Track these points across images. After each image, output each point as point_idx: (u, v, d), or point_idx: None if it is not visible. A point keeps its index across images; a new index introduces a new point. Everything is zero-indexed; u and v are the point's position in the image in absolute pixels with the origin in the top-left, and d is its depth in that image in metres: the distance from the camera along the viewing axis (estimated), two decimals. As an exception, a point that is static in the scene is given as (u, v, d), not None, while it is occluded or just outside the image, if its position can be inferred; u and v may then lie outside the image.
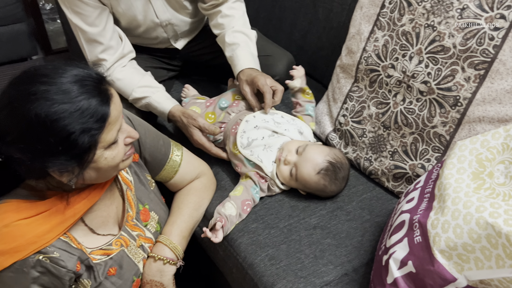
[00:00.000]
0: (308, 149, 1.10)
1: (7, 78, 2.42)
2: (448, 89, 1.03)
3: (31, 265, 0.79)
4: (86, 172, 0.82)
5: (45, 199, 0.85)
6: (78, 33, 1.27)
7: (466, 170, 0.81)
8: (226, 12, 1.35)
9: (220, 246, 1.10)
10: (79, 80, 0.77)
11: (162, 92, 1.31)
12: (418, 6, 1.08)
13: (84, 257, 0.87)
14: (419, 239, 0.78)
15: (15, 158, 0.78)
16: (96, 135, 0.78)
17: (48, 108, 0.73)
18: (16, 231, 0.79)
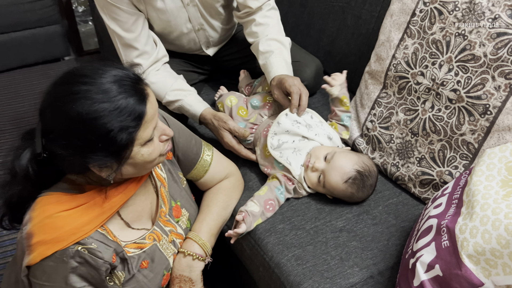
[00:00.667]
0: (336, 157, 1.12)
1: (41, 78, 2.52)
2: (477, 98, 1.04)
3: (70, 255, 0.83)
4: (124, 168, 0.86)
5: (84, 193, 0.90)
6: (115, 38, 1.33)
7: (495, 177, 0.82)
8: (260, 20, 1.38)
9: (247, 245, 1.13)
10: (118, 80, 0.82)
11: (194, 95, 1.35)
12: (449, 15, 1.10)
13: (119, 250, 0.91)
14: (447, 243, 0.79)
15: (58, 154, 0.82)
16: (133, 132, 0.82)
17: (89, 107, 0.78)
18: (58, 222, 0.84)
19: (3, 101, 2.40)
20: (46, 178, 0.90)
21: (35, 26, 2.54)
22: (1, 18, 2.42)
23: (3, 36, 2.48)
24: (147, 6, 1.32)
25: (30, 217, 0.85)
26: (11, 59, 2.58)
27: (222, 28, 1.52)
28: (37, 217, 0.84)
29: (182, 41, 1.48)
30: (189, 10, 1.39)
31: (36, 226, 0.83)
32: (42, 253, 0.82)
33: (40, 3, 2.48)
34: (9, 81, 2.54)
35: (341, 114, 1.29)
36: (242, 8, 1.41)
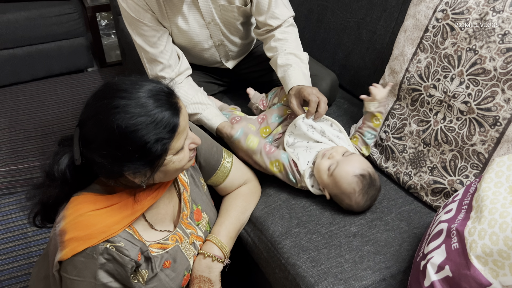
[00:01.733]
0: (356, 156, 1.18)
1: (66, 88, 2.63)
2: (488, 109, 1.09)
3: (100, 252, 0.87)
4: (156, 174, 0.92)
5: (114, 194, 0.96)
6: (141, 53, 1.40)
7: (504, 184, 0.86)
8: (279, 36, 1.44)
9: (264, 248, 1.18)
10: (154, 95, 0.88)
11: (212, 109, 1.41)
12: (461, 31, 1.15)
13: (144, 249, 0.95)
14: (457, 245, 0.83)
15: (97, 162, 0.88)
16: (167, 143, 0.89)
17: (128, 121, 0.84)
18: (90, 220, 0.89)
19: (29, 109, 2.50)
20: (81, 181, 0.95)
21: (61, 38, 2.65)
22: (30, 30, 2.53)
23: (31, 47, 2.60)
24: (171, 24, 1.39)
25: (63, 215, 0.90)
26: (38, 69, 2.69)
27: (242, 43, 1.59)
28: (71, 215, 0.90)
29: (203, 55, 1.55)
30: (211, 28, 1.46)
31: (70, 223, 0.89)
32: (74, 249, 0.87)
33: (66, 17, 2.60)
34: (35, 91, 2.65)
35: (366, 129, 1.30)
36: (262, 26, 1.47)
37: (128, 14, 1.33)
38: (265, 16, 1.43)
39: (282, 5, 1.45)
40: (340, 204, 1.20)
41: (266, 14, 1.43)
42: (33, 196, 0.97)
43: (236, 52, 1.61)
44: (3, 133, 2.30)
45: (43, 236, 1.74)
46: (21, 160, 2.12)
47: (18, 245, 1.72)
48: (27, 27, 2.51)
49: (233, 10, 1.42)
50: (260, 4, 1.42)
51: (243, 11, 1.45)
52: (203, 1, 1.37)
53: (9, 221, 1.81)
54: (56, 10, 2.56)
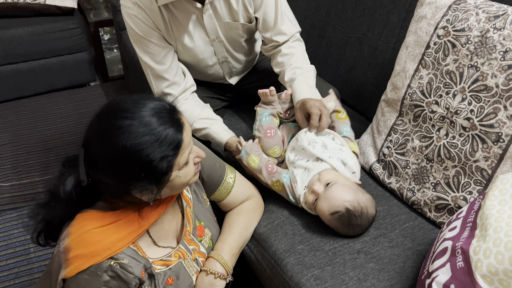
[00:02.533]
0: (334, 187, 1.13)
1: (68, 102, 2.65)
2: (490, 126, 1.09)
3: (104, 269, 0.87)
4: (162, 190, 0.93)
5: (119, 210, 0.96)
6: (147, 70, 1.41)
7: (508, 202, 0.86)
8: (286, 51, 1.45)
9: (267, 265, 1.17)
10: (156, 113, 0.88)
11: (220, 124, 1.42)
12: (462, 47, 1.16)
13: (148, 266, 0.95)
14: (462, 264, 0.83)
15: (103, 182, 0.89)
16: (172, 160, 0.89)
17: (132, 140, 0.85)
18: (94, 237, 0.89)
19: (32, 124, 2.51)
20: (86, 200, 0.96)
21: (64, 53, 2.67)
22: (33, 45, 2.55)
23: (34, 62, 2.62)
24: (177, 41, 1.41)
25: (68, 232, 0.91)
26: (40, 84, 2.71)
27: (245, 60, 1.60)
28: (75, 232, 0.90)
29: (207, 72, 1.57)
30: (215, 45, 1.47)
31: (74, 241, 0.89)
32: (78, 266, 0.87)
33: (69, 32, 2.62)
34: (37, 105, 2.66)
35: (340, 126, 1.33)
36: (268, 43, 1.49)
37: (134, 32, 1.35)
38: (271, 33, 1.45)
39: (288, 21, 1.47)
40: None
41: (272, 30, 1.45)
42: (36, 214, 0.97)
43: (239, 68, 1.62)
44: (6, 148, 2.30)
45: (45, 252, 1.73)
46: (23, 175, 2.12)
47: (19, 261, 1.71)
48: (31, 42, 2.53)
49: (238, 27, 1.44)
50: (266, 21, 1.43)
51: (247, 28, 1.46)
52: (208, 19, 1.38)
53: (11, 237, 1.80)
54: (59, 26, 2.58)
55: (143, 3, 1.30)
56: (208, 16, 1.38)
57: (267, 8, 1.41)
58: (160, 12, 1.32)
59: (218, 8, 1.37)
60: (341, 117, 1.34)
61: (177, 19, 1.36)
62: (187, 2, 1.32)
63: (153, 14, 1.32)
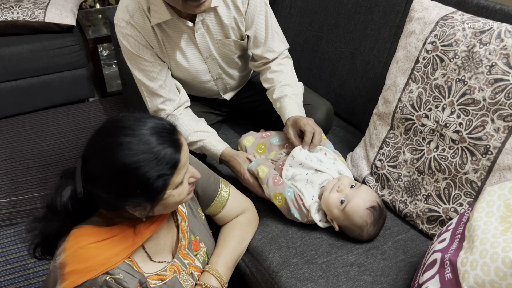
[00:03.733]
0: (364, 187, 1.21)
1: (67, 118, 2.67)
2: (478, 139, 1.11)
3: (99, 284, 0.88)
4: (156, 208, 0.95)
5: (114, 225, 0.97)
6: (141, 87, 1.44)
7: (495, 213, 0.88)
8: (275, 68, 1.49)
9: (262, 279, 1.18)
10: (157, 132, 0.91)
11: (215, 136, 1.45)
12: (450, 62, 1.19)
13: (143, 280, 0.96)
14: (450, 276, 0.84)
15: (100, 196, 0.91)
16: (168, 179, 0.91)
17: (131, 157, 0.87)
18: (90, 252, 0.90)
19: (31, 139, 2.53)
20: (82, 214, 0.97)
21: (63, 70, 2.70)
22: (33, 62, 2.58)
23: (33, 79, 2.64)
24: (170, 59, 1.43)
25: (64, 248, 0.92)
26: (40, 100, 2.73)
27: (239, 76, 1.63)
28: (71, 248, 0.91)
29: (202, 88, 1.59)
30: (208, 62, 1.50)
31: (70, 256, 0.90)
32: (74, 281, 0.88)
33: (68, 49, 2.65)
34: (36, 121, 2.69)
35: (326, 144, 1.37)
36: (258, 59, 1.52)
37: (128, 50, 1.37)
38: (261, 49, 1.48)
39: (278, 39, 1.50)
40: (349, 234, 1.21)
41: (263, 47, 1.48)
42: (33, 228, 0.98)
43: (233, 84, 1.65)
44: (5, 164, 2.32)
45: (43, 268, 1.74)
46: (22, 191, 2.13)
47: (17, 277, 1.72)
48: (30, 59, 2.57)
49: (231, 44, 1.47)
50: (257, 39, 1.46)
51: (240, 45, 1.49)
52: (200, 37, 1.41)
53: (9, 252, 1.81)
54: (58, 43, 2.62)
55: (136, 22, 1.33)
56: (200, 34, 1.40)
57: (258, 26, 1.44)
58: (153, 31, 1.35)
59: (210, 26, 1.40)
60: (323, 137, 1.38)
61: (170, 38, 1.38)
62: (179, 21, 1.35)
63: (146, 33, 1.35)
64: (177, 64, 1.45)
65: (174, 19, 1.34)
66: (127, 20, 1.33)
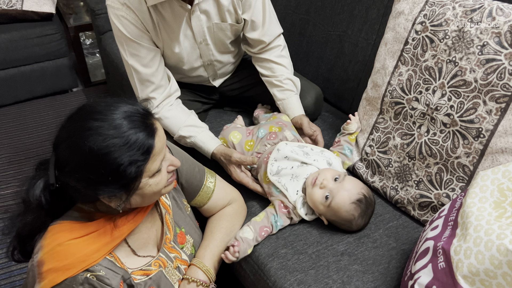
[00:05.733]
0: (347, 179, 1.16)
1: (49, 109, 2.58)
2: (470, 121, 1.08)
3: (79, 282, 0.85)
4: (132, 198, 0.90)
5: (94, 221, 0.93)
6: (132, 73, 1.38)
7: (488, 199, 0.84)
8: (277, 60, 1.49)
9: (250, 271, 1.15)
10: (128, 116, 0.86)
11: (206, 132, 1.40)
12: (440, 43, 1.14)
13: (126, 276, 0.93)
14: (443, 265, 0.81)
15: (71, 186, 0.86)
16: (142, 166, 0.86)
17: (100, 143, 0.82)
18: (68, 249, 0.86)
19: (12, 132, 2.46)
20: (58, 208, 0.93)
21: (44, 59, 2.62)
22: (11, 52, 2.50)
23: (13, 70, 2.56)
24: (164, 44, 1.39)
25: (41, 245, 0.88)
26: (20, 92, 2.65)
27: (229, 62, 1.59)
28: (48, 245, 0.87)
29: (191, 74, 1.55)
30: (201, 48, 1.46)
31: (47, 254, 0.86)
32: (52, 280, 0.84)
33: (49, 38, 2.57)
34: (18, 113, 2.61)
35: (345, 144, 1.36)
36: (255, 44, 1.49)
37: (121, 34, 1.31)
38: (259, 33, 1.45)
39: (275, 21, 1.49)
40: (339, 227, 1.18)
41: (260, 30, 1.45)
42: (10, 229, 0.94)
43: (223, 71, 1.61)
44: (-14, 158, 2.26)
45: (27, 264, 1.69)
46: (3, 185, 2.07)
47: (1, 274, 1.67)
48: (8, 49, 2.48)
49: (227, 28, 1.43)
50: (255, 23, 1.43)
51: (235, 29, 1.46)
52: (196, 21, 1.37)
53: (-8, 249, 1.76)
54: (38, 31, 2.53)
55: (132, 3, 1.27)
56: (196, 17, 1.36)
57: (255, 9, 1.41)
58: (149, 13, 1.30)
59: (208, 9, 1.36)
60: (351, 139, 1.38)
61: (166, 21, 1.33)
62: (177, 2, 1.30)
63: (142, 15, 1.29)
64: (170, 49, 1.40)
65: (172, 0, 1.29)
66: (122, 1, 1.27)
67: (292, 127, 1.41)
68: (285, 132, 1.35)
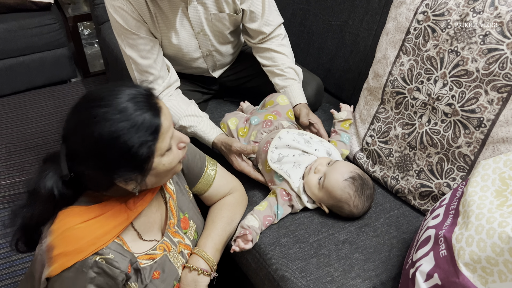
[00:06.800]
0: (339, 162, 1.18)
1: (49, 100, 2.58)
2: (472, 111, 1.08)
3: (89, 265, 0.86)
4: (148, 179, 0.91)
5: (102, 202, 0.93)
6: (131, 64, 1.38)
7: (490, 188, 0.85)
8: (278, 49, 1.48)
9: (252, 259, 1.16)
10: (132, 98, 0.86)
11: (207, 121, 1.40)
12: (442, 32, 1.14)
13: (134, 260, 0.94)
14: (444, 252, 0.82)
15: (85, 174, 0.88)
16: (152, 145, 0.87)
17: (109, 128, 0.83)
18: (78, 233, 0.87)
19: (11, 123, 2.45)
20: (68, 198, 0.93)
21: (43, 49, 2.60)
22: (10, 42, 2.48)
23: (12, 60, 2.55)
24: (162, 35, 1.38)
25: (50, 230, 0.88)
26: (19, 82, 2.64)
27: (229, 53, 1.59)
28: (58, 229, 0.87)
29: (191, 65, 1.54)
30: (200, 38, 1.45)
31: (57, 238, 0.87)
32: (62, 264, 0.85)
33: (47, 28, 2.55)
34: (17, 104, 2.60)
35: (341, 132, 1.37)
36: (255, 35, 1.48)
37: (119, 25, 1.31)
38: (258, 23, 1.44)
39: (274, 11, 1.48)
40: (340, 214, 1.18)
41: (260, 21, 1.44)
42: (14, 216, 0.94)
43: (223, 62, 1.60)
44: (-15, 148, 2.25)
45: (28, 254, 1.70)
46: (3, 176, 2.07)
47: (2, 264, 1.67)
48: (7, 39, 2.46)
49: (224, 18, 1.42)
50: (254, 13, 1.43)
51: (234, 19, 1.45)
52: (193, 11, 1.36)
53: (-7, 239, 1.77)
54: (36, 21, 2.51)
55: None
56: (193, 8, 1.35)
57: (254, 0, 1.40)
58: (146, 4, 1.29)
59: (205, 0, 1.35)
60: (346, 127, 1.39)
61: (163, 11, 1.33)
62: None
63: (139, 6, 1.29)
64: (168, 39, 1.40)
65: None
66: None
67: (288, 114, 1.40)
68: (280, 119, 1.35)
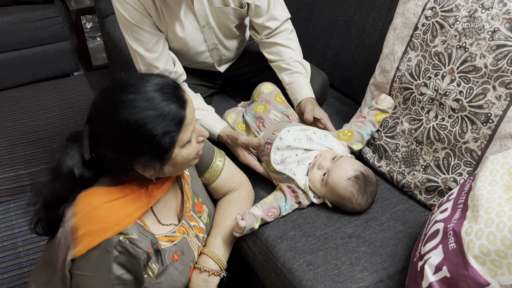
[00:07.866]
0: (343, 158, 1.18)
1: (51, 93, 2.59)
2: (479, 107, 1.09)
3: (113, 244, 0.87)
4: (165, 167, 0.93)
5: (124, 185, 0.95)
6: (137, 58, 1.38)
7: (498, 182, 0.86)
8: (284, 43, 1.47)
9: (259, 252, 1.17)
10: (160, 89, 0.88)
11: (212, 115, 1.41)
12: (451, 28, 1.15)
13: (154, 241, 0.95)
14: (454, 246, 0.83)
15: (107, 157, 0.89)
16: (175, 136, 0.89)
17: (136, 115, 0.85)
18: (103, 212, 0.88)
19: (14, 116, 2.45)
20: (87, 178, 0.94)
21: (46, 42, 2.61)
22: (13, 35, 2.48)
23: (15, 53, 2.55)
24: (168, 29, 1.38)
25: (73, 212, 0.89)
26: (22, 75, 2.64)
27: (234, 47, 1.59)
28: (82, 210, 0.89)
29: (197, 59, 1.54)
30: (205, 32, 1.45)
31: (82, 218, 0.88)
32: (88, 244, 0.86)
33: (50, 21, 2.55)
34: (20, 97, 2.60)
35: (368, 124, 1.29)
36: (261, 30, 1.48)
37: (124, 19, 1.31)
38: (264, 18, 1.44)
39: (280, 6, 1.47)
40: (343, 209, 1.19)
41: (265, 16, 1.44)
42: (36, 198, 0.95)
43: (228, 56, 1.61)
44: (-11, 141, 2.25)
45: (33, 246, 1.70)
46: (7, 168, 2.08)
47: (7, 255, 1.68)
48: (10, 32, 2.46)
49: (229, 12, 1.42)
50: (259, 8, 1.42)
51: (239, 13, 1.44)
52: (198, 5, 1.36)
53: (-2, 231, 1.77)
54: (39, 14, 2.51)
55: None
56: (198, 1, 1.35)
57: None
58: None
59: None
60: (378, 119, 1.29)
61: (168, 5, 1.33)
62: None
63: (144, 0, 1.29)
64: (174, 33, 1.40)
65: None
66: None
67: (276, 99, 1.39)
68: (269, 114, 1.35)
